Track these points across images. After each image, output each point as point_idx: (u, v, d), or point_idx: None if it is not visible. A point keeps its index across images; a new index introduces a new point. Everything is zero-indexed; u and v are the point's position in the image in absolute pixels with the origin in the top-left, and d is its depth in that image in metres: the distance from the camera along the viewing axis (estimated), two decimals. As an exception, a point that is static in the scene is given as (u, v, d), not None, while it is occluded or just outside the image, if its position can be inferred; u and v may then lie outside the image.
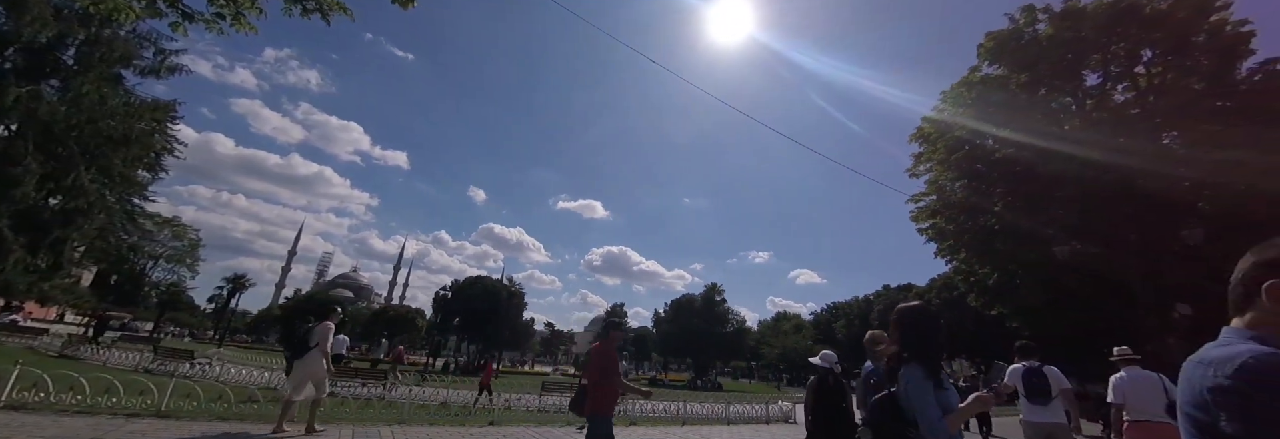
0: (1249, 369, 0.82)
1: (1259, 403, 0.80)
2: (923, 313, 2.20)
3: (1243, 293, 0.96)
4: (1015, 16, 15.97)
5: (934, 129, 18.07)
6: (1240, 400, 0.82)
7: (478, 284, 46.91)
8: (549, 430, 8.33)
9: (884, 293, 62.59)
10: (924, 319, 2.17)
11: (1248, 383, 0.82)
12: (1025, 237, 16.89)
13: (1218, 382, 0.85)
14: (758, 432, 10.26)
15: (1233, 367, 0.84)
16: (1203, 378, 0.88)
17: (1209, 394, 0.86)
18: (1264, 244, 0.99)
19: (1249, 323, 0.94)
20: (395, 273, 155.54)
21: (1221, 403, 0.84)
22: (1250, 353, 0.85)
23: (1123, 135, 13.95)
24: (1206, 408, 0.87)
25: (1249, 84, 13.70)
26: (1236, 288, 0.98)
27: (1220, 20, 13.68)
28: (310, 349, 6.00)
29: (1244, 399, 0.82)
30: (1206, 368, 0.89)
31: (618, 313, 69.50)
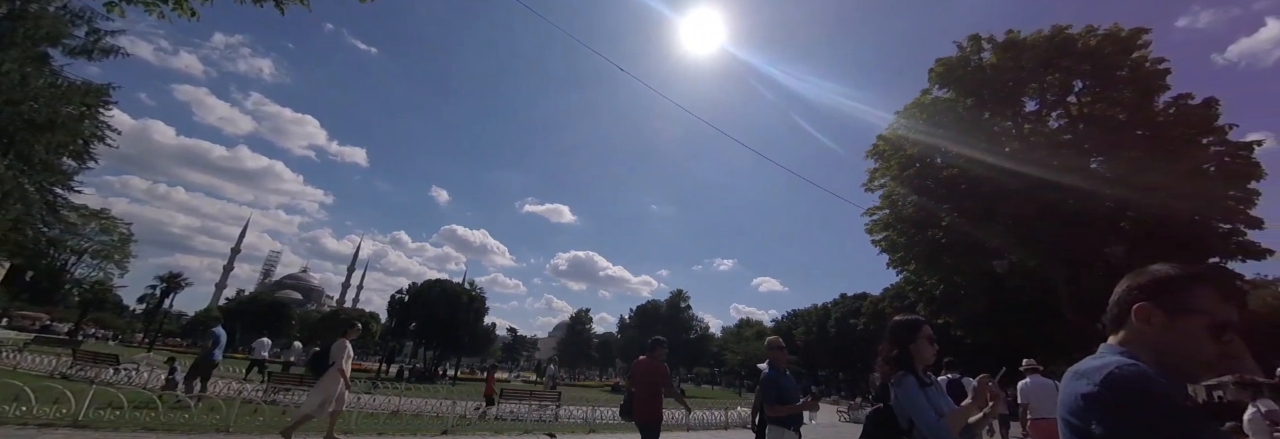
0: (1114, 379, 0.93)
1: (1121, 409, 0.91)
2: (907, 325, 2.25)
3: (1118, 313, 1.08)
4: (963, 44, 17.21)
5: (888, 146, 19.05)
6: (1105, 406, 0.93)
7: (437, 287, 45.55)
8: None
9: (841, 301, 64.64)
10: (907, 331, 2.22)
11: (1112, 391, 0.93)
12: (969, 250, 17.95)
13: (1088, 390, 0.96)
14: (716, 437, 10.40)
15: (1101, 377, 0.95)
16: (1077, 387, 0.99)
17: (1081, 401, 0.97)
18: (1138, 271, 1.11)
19: (1121, 340, 1.06)
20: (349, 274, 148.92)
21: (1091, 409, 0.95)
22: (1116, 365, 0.96)
23: (1056, 158, 15.13)
24: (1079, 413, 0.97)
25: (1165, 116, 15.18)
26: (1113, 309, 1.10)
27: (1141, 57, 15.16)
28: (330, 367, 6.24)
29: (1109, 405, 0.93)
30: (1080, 378, 0.99)
31: (583, 319, 69.01)
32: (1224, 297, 0.99)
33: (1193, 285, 1.00)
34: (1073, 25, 15.94)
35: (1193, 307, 0.98)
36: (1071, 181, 14.86)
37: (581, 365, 75.58)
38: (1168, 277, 1.03)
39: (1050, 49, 15.46)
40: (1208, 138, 14.98)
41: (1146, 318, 1.01)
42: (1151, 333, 1.01)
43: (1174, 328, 0.99)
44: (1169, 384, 0.91)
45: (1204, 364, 0.98)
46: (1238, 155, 14.86)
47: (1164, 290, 1.01)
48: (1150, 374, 0.92)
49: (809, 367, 58.02)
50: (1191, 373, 0.99)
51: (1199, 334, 0.97)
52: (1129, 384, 0.91)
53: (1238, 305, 1.00)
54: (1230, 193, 14.96)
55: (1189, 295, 0.99)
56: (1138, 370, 0.94)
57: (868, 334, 57.06)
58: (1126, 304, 1.05)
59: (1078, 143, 15.51)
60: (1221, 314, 0.97)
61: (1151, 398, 0.88)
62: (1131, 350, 1.01)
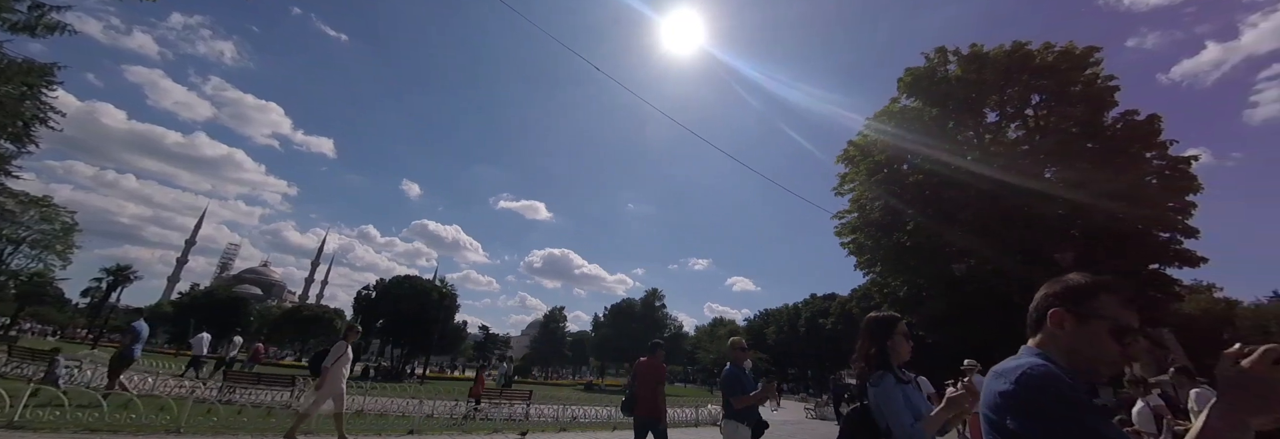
0: (1025, 377, 1.02)
1: (1030, 404, 1.00)
2: (883, 322, 2.22)
3: (1036, 318, 1.18)
4: (930, 56, 17.89)
5: (858, 152, 19.63)
6: (1018, 403, 1.02)
7: (406, 284, 44.52)
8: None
9: (811, 301, 66.17)
10: (883, 328, 2.19)
11: (1024, 389, 1.01)
12: (932, 253, 18.66)
13: (1005, 388, 1.04)
14: (686, 434, 10.54)
15: (1015, 376, 1.04)
16: (996, 385, 1.09)
17: (998, 398, 1.05)
18: (1054, 280, 1.20)
19: (1038, 342, 1.17)
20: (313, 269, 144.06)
21: (1006, 405, 1.03)
22: (1030, 365, 1.05)
23: (1014, 167, 15.90)
24: (997, 409, 1.05)
25: (1113, 130, 16.12)
26: (1032, 314, 1.20)
27: (1093, 74, 16.07)
28: (327, 369, 6.43)
29: (1020, 402, 1.01)
30: (999, 377, 1.09)
31: (558, 317, 68.51)
32: (1125, 304, 1.10)
33: (1099, 294, 1.11)
34: (1032, 42, 16.84)
35: (1099, 313, 1.08)
36: (1027, 189, 15.67)
37: (555, 364, 75.11)
38: (1078, 285, 1.13)
39: (1011, 63, 16.28)
40: (1151, 152, 16.00)
41: (1060, 322, 1.12)
42: (1064, 336, 1.11)
43: (1082, 331, 1.09)
44: (1073, 382, 1.01)
45: (1107, 363, 1.08)
46: (1177, 169, 15.92)
47: (1075, 298, 1.12)
48: (1057, 374, 1.02)
49: (779, 365, 59.17)
50: (1096, 371, 1.10)
51: (1103, 337, 1.07)
52: (1038, 382, 1.00)
53: (1137, 312, 1.11)
54: (1170, 204, 16.00)
55: (1095, 303, 1.10)
56: (1047, 370, 1.03)
57: (836, 334, 58.57)
58: (1043, 310, 1.16)
59: (1034, 153, 16.34)
60: (1123, 320, 1.08)
61: (1057, 395, 0.97)
62: (1046, 351, 1.12)
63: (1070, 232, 16.81)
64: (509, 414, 11.62)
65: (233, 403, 8.98)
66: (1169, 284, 16.91)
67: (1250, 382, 0.84)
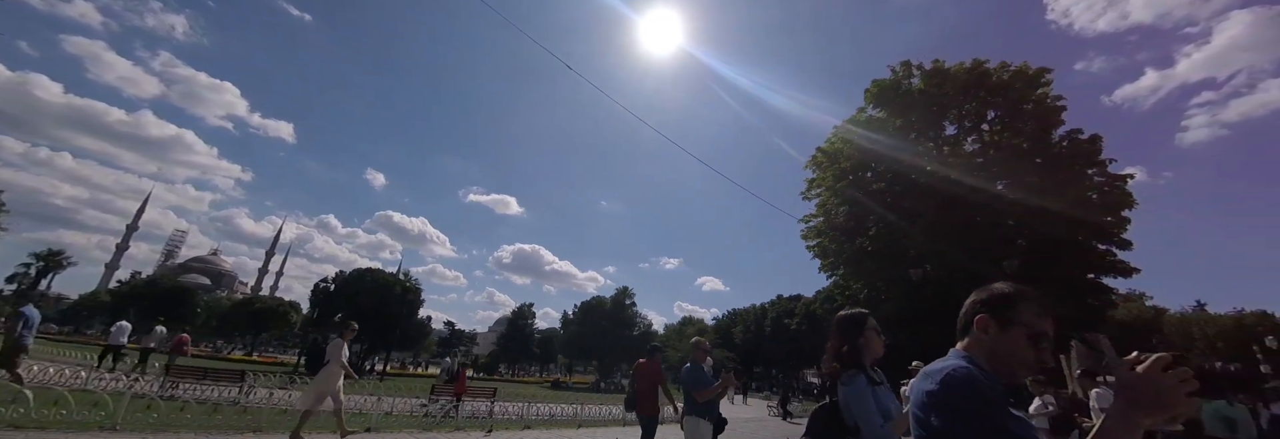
0: (949, 378, 1.11)
1: (951, 403, 1.08)
2: (852, 320, 2.21)
3: (964, 323, 1.28)
4: (896, 69, 18.68)
5: (825, 159, 20.28)
6: (940, 401, 1.10)
7: (368, 277, 43.04)
8: (433, 436, 8.05)
9: (777, 302, 67.60)
10: (853, 326, 2.18)
11: (946, 388, 1.09)
12: (891, 259, 19.41)
13: (930, 387, 1.12)
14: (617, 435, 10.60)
15: (940, 376, 1.12)
16: (923, 385, 1.18)
17: (925, 397, 1.13)
18: (981, 288, 1.30)
19: (965, 346, 1.25)
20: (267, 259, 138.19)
21: (930, 404, 1.11)
22: (954, 367, 1.14)
23: (968, 180, 16.73)
24: (923, 408, 1.14)
25: (1059, 147, 17.17)
26: (961, 319, 1.29)
27: (1043, 94, 17.10)
28: (326, 363, 6.55)
29: (942, 400, 1.09)
30: (926, 377, 1.17)
31: (526, 313, 67.76)
32: (1041, 313, 1.20)
33: (1019, 303, 1.20)
34: (990, 60, 17.77)
35: (1018, 320, 1.18)
36: (980, 200, 16.54)
37: (522, 361, 74.29)
38: (1002, 294, 1.24)
39: (970, 80, 17.16)
40: (1092, 169, 17.08)
41: (985, 328, 1.22)
42: (987, 340, 1.21)
43: (1003, 337, 1.19)
44: (991, 383, 1.10)
45: (1024, 366, 1.18)
46: (1115, 186, 17.05)
47: (998, 305, 1.22)
48: (977, 375, 1.10)
49: (745, 364, 60.27)
50: (1014, 373, 1.19)
51: (1021, 342, 1.17)
52: (959, 383, 1.09)
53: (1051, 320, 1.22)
54: (1107, 218, 17.13)
55: (1016, 311, 1.19)
56: (968, 372, 1.11)
57: (800, 334, 60.09)
58: (970, 316, 1.26)
59: (987, 167, 17.26)
60: (1038, 326, 1.18)
61: (975, 395, 1.06)
62: (971, 354, 1.21)
63: (1017, 241, 17.80)
64: (472, 412, 11.53)
65: (175, 399, 8.59)
66: (1105, 292, 18.07)
67: (1142, 385, 0.93)
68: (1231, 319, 50.09)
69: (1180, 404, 0.90)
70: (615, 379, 52.22)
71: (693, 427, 4.87)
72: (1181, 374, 0.90)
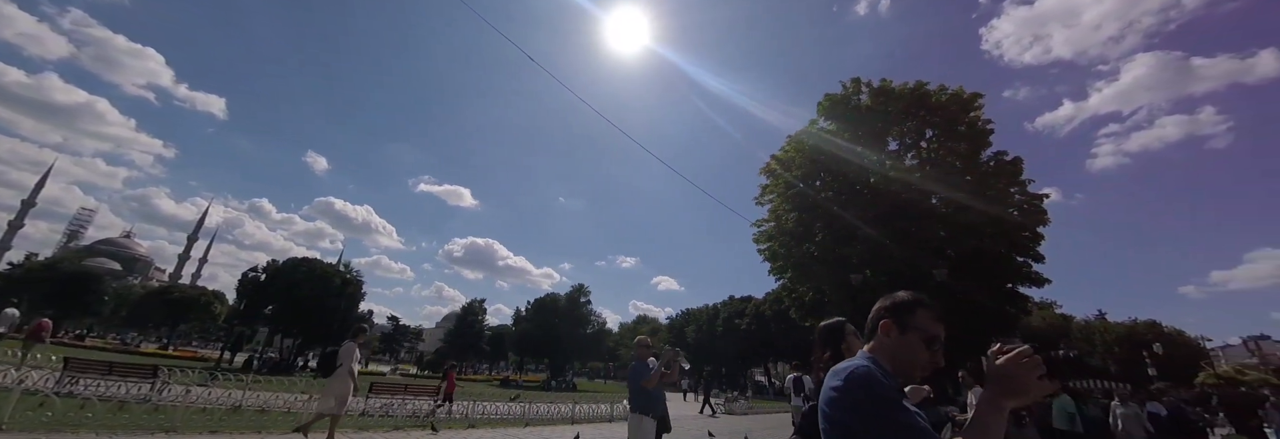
0: (851, 376, 1.20)
1: (852, 399, 1.17)
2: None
3: (872, 327, 1.38)
4: (846, 84, 19.84)
5: (779, 166, 21.12)
6: (843, 397, 1.19)
7: (304, 267, 40.44)
8: (369, 437, 7.82)
9: (729, 303, 69.31)
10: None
11: (849, 385, 1.19)
12: (835, 264, 20.43)
13: (836, 384, 1.21)
14: (599, 429, 10.61)
15: (844, 375, 1.21)
16: (830, 383, 1.24)
17: (831, 393, 1.22)
18: (887, 295, 1.41)
19: (871, 348, 1.35)
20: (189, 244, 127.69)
21: (834, 400, 1.20)
22: (856, 366, 1.23)
23: (906, 193, 17.91)
24: (828, 404, 1.22)
25: (987, 167, 18.70)
26: (868, 324, 1.40)
27: (976, 117, 18.60)
28: (337, 368, 6.68)
29: (845, 397, 1.18)
30: (833, 376, 1.25)
31: (477, 309, 66.11)
32: (935, 319, 1.32)
33: (917, 309, 1.32)
34: (931, 83, 19.21)
35: (915, 325, 1.30)
36: (916, 213, 17.78)
37: (471, 358, 72.43)
38: (903, 301, 1.35)
39: (912, 100, 18.46)
40: (1014, 188, 18.72)
41: (887, 331, 1.33)
42: (889, 343, 1.32)
43: (903, 340, 1.30)
44: (889, 381, 1.20)
45: (920, 367, 1.30)
46: (1032, 204, 18.75)
47: (899, 311, 1.33)
48: (876, 374, 1.20)
49: (696, 362, 61.40)
50: (911, 373, 1.30)
51: (918, 345, 1.29)
52: (860, 381, 1.18)
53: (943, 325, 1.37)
54: (1025, 233, 18.82)
55: (913, 317, 1.31)
56: (868, 371, 1.21)
57: (749, 333, 61.87)
58: (876, 320, 1.37)
59: (924, 181, 18.56)
60: (932, 330, 1.30)
61: (873, 392, 1.16)
62: (875, 355, 1.31)
63: (948, 251, 19.20)
64: (413, 410, 11.26)
65: (75, 396, 7.91)
66: (1021, 300, 19.93)
67: (1004, 373, 1.08)
68: (1126, 327, 56.13)
69: (1033, 386, 1.06)
70: (567, 378, 51.71)
71: (636, 423, 5.00)
72: (1033, 362, 1.07)
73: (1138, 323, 57.05)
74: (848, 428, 1.17)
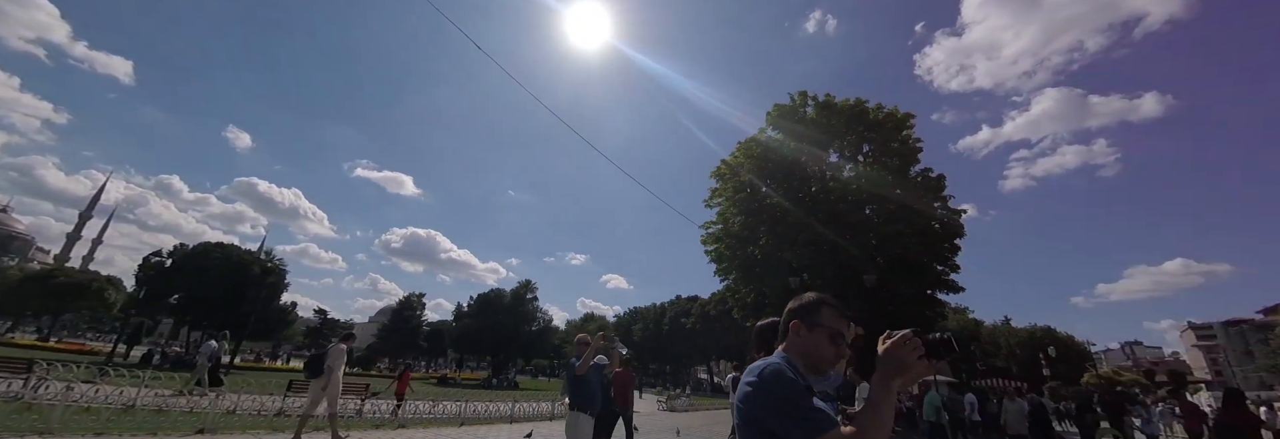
0: (763, 372, 1.28)
1: (762, 393, 1.25)
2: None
3: (783, 328, 1.47)
4: (794, 97, 20.94)
5: (728, 171, 21.81)
6: (755, 392, 1.27)
7: (218, 252, 37.02)
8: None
9: (676, 302, 70.55)
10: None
11: (761, 380, 1.27)
12: (776, 267, 21.32)
13: (749, 379, 1.29)
14: (541, 426, 10.39)
15: (757, 371, 1.29)
16: (745, 379, 1.32)
17: (744, 387, 1.30)
18: (798, 297, 1.49)
19: (784, 347, 1.43)
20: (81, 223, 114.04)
21: (749, 395, 1.28)
22: (768, 362, 1.31)
23: (843, 202, 19.04)
24: (742, 398, 1.30)
25: (914, 182, 20.21)
26: (781, 325, 1.48)
27: (907, 135, 20.12)
28: (326, 369, 6.90)
29: (756, 391, 1.26)
30: (748, 373, 1.33)
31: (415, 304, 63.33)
32: (840, 316, 1.41)
33: (822, 308, 1.41)
34: (870, 100, 20.56)
35: (821, 323, 1.38)
36: (851, 222, 18.96)
37: (407, 355, 69.27)
38: (809, 302, 1.44)
39: (852, 116, 19.73)
40: (937, 203, 20.34)
41: (797, 331, 1.41)
42: (799, 341, 1.40)
43: (811, 337, 1.38)
44: (798, 376, 1.28)
45: (828, 361, 1.38)
46: (952, 218, 20.47)
47: (807, 311, 1.42)
48: (785, 369, 1.28)
49: (641, 360, 61.97)
50: (821, 368, 1.39)
51: (825, 342, 1.37)
52: (770, 376, 1.26)
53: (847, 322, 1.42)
54: (945, 244, 20.51)
55: (819, 315, 1.40)
56: (778, 366, 1.28)
57: (695, 333, 63.25)
58: (787, 321, 1.46)
59: (859, 193, 19.84)
60: (836, 327, 1.38)
61: (781, 385, 1.23)
62: (788, 353, 1.39)
63: (877, 258, 20.56)
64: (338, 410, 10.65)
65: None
66: (939, 305, 21.80)
67: (889, 355, 1.18)
68: (1026, 332, 62.71)
69: (914, 366, 1.16)
70: (510, 376, 50.43)
71: (573, 421, 4.92)
72: (913, 344, 1.17)
73: (1036, 328, 63.79)
74: (758, 420, 1.26)
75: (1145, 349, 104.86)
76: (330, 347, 7.27)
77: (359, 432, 8.16)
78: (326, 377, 6.85)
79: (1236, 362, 74.52)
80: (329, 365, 6.92)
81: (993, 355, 62.23)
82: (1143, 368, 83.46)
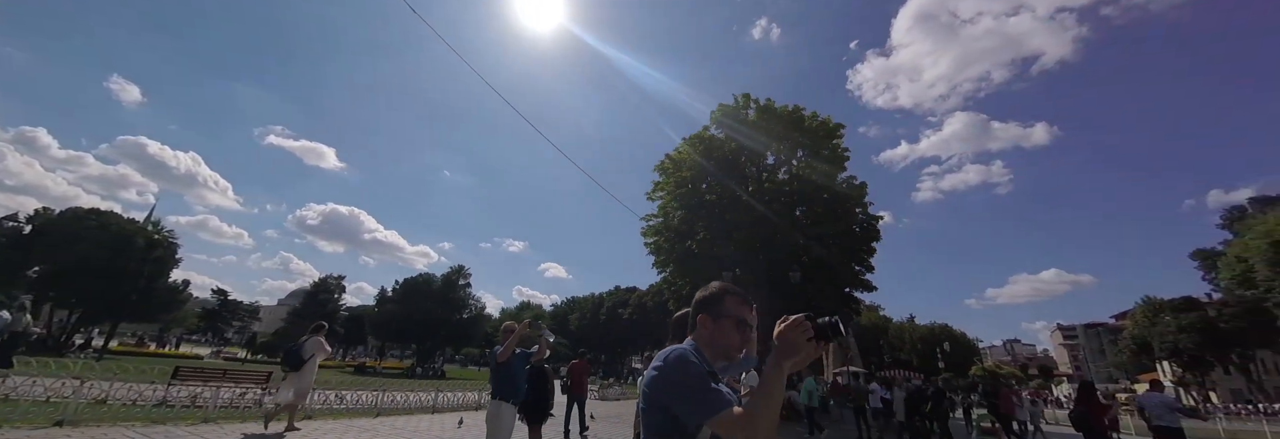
0: (667, 357, 1.35)
1: (666, 376, 1.31)
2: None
3: (693, 320, 1.53)
4: (738, 98, 21.79)
5: (672, 165, 22.26)
6: (658, 375, 1.32)
7: (93, 219, 32.18)
8: (168, 431, 6.53)
9: (614, 292, 71.17)
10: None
11: (664, 364, 1.33)
12: (711, 262, 22.02)
13: (655, 364, 1.36)
14: (466, 417, 10.04)
15: (662, 357, 1.36)
16: (651, 365, 1.38)
17: (651, 372, 1.35)
18: (703, 288, 1.55)
19: (694, 336, 1.50)
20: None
21: (653, 379, 1.34)
22: (675, 349, 1.38)
23: (775, 203, 20.07)
24: (648, 382, 1.35)
25: (841, 188, 21.71)
26: (691, 317, 1.55)
27: (837, 144, 21.59)
28: (304, 361, 7.22)
29: (660, 374, 1.32)
30: (656, 359, 1.39)
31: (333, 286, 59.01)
32: (742, 304, 1.48)
33: (726, 297, 1.48)
34: (806, 108, 21.81)
35: (726, 312, 1.45)
36: (782, 222, 20.04)
37: (320, 342, 64.54)
38: (714, 292, 1.51)
39: (789, 122, 20.85)
40: (859, 209, 21.95)
41: (704, 322, 1.48)
42: (706, 330, 1.47)
43: (717, 326, 1.45)
44: (701, 361, 1.35)
45: (734, 348, 1.46)
46: (871, 224, 22.19)
47: (712, 302, 1.49)
48: (689, 354, 1.34)
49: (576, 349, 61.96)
50: (729, 354, 1.47)
51: (730, 329, 1.44)
52: (674, 360, 1.33)
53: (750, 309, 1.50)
54: (863, 247, 22.20)
55: (723, 305, 1.47)
56: (682, 352, 1.35)
57: (632, 324, 64.21)
58: (695, 313, 1.53)
59: (791, 195, 21.01)
60: (739, 315, 1.45)
61: (685, 366, 1.30)
62: (696, 342, 1.47)
63: (802, 257, 21.85)
64: (230, 400, 9.82)
65: None
66: (856, 303, 23.67)
67: (781, 338, 1.23)
68: (926, 329, 70.02)
69: (803, 347, 1.22)
70: (437, 365, 48.38)
71: (494, 410, 4.76)
72: (803, 327, 1.23)
73: (935, 326, 71.29)
74: (659, 402, 1.33)
75: (1022, 346, 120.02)
76: (307, 340, 7.44)
77: (255, 424, 7.57)
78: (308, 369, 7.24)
79: (1093, 359, 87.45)
80: (308, 357, 7.25)
81: (899, 349, 68.72)
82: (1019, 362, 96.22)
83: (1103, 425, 8.18)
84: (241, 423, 7.64)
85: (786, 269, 20.06)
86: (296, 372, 7.18)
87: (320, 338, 7.53)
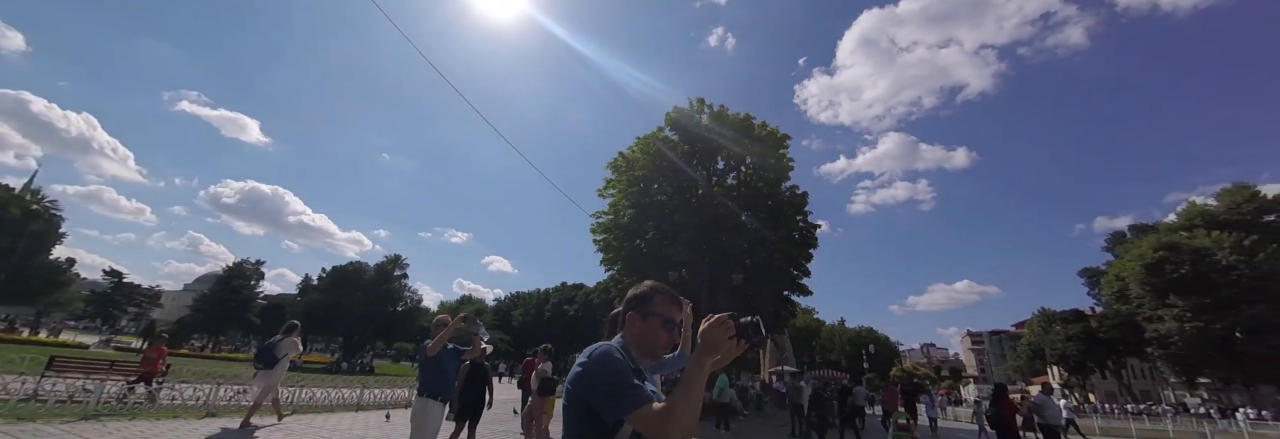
0: (592, 353, 1.35)
1: (591, 372, 1.31)
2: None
3: (623, 318, 1.54)
4: (693, 102, 22.42)
5: (624, 164, 22.42)
6: (584, 371, 1.33)
7: None
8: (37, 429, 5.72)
9: (561, 289, 70.38)
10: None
11: (589, 360, 1.33)
12: (659, 261, 22.33)
13: (581, 360, 1.35)
14: (394, 414, 9.55)
15: (588, 353, 1.36)
16: (577, 362, 1.37)
17: (576, 369, 1.35)
18: (633, 287, 1.57)
19: (622, 334, 1.51)
20: None
21: (577, 375, 1.34)
22: (600, 346, 1.38)
23: (722, 208, 20.71)
24: (573, 378, 1.36)
25: (783, 196, 22.76)
26: (620, 316, 1.57)
27: (782, 154, 22.63)
28: (278, 360, 7.51)
29: (586, 370, 1.33)
30: (581, 356, 1.39)
31: (248, 272, 54.45)
32: (670, 303, 1.50)
33: (655, 296, 1.50)
34: (757, 117, 22.63)
35: (654, 311, 1.47)
36: (728, 226, 20.73)
37: (232, 331, 59.38)
38: (643, 291, 1.53)
39: (740, 129, 21.65)
40: (799, 216, 23.04)
41: (633, 321, 1.50)
42: (634, 328, 1.49)
43: (646, 324, 1.47)
44: (626, 358, 1.36)
45: (661, 346, 1.49)
46: (809, 232, 23.37)
47: (641, 301, 1.50)
48: (614, 351, 1.36)
49: (519, 346, 60.62)
50: (656, 352, 1.50)
51: (657, 328, 1.47)
52: (599, 357, 1.34)
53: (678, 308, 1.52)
54: (801, 253, 23.32)
55: (652, 304, 1.49)
56: (608, 348, 1.36)
57: (577, 320, 63.74)
58: (625, 311, 1.54)
59: (738, 200, 21.78)
60: (667, 314, 1.48)
61: (608, 363, 1.31)
62: (624, 340, 1.48)
63: (746, 260, 22.64)
64: (119, 394, 8.80)
65: None
66: (792, 305, 24.78)
67: (704, 336, 1.25)
68: (854, 332, 74.87)
69: (724, 345, 1.24)
70: (365, 360, 45.61)
71: (420, 407, 4.54)
72: (727, 326, 1.24)
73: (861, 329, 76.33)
74: (581, 398, 1.35)
75: (936, 350, 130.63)
76: (281, 339, 7.65)
77: (147, 421, 6.86)
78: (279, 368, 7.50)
79: (996, 363, 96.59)
80: (282, 356, 7.50)
81: (829, 350, 72.82)
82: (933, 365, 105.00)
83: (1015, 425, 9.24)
84: (129, 420, 6.90)
85: (730, 271, 20.72)
86: (268, 370, 7.43)
87: (295, 338, 7.81)
